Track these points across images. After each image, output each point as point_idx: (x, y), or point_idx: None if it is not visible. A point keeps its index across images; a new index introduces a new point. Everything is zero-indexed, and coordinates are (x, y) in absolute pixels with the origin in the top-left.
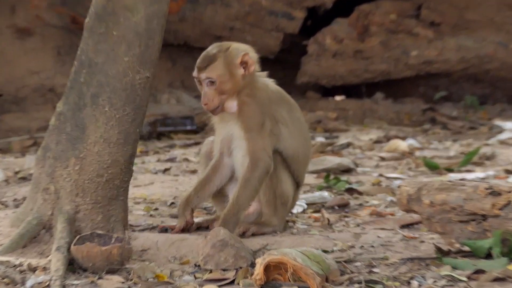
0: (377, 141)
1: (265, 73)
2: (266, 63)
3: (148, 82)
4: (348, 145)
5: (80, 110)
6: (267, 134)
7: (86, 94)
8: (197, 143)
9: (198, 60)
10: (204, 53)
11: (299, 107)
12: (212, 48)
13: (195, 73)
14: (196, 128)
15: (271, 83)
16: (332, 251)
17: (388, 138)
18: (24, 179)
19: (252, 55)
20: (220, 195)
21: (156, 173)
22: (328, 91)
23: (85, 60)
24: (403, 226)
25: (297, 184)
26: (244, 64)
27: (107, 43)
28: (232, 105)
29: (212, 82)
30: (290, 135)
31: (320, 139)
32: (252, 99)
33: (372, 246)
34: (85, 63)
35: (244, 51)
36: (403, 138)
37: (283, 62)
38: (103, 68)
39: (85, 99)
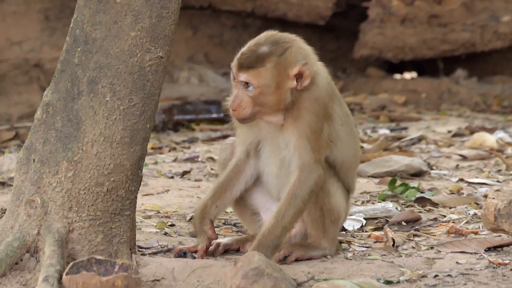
0: (457, 134)
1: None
2: (315, 31)
3: (161, 63)
4: (420, 139)
5: (73, 100)
6: (324, 141)
7: (81, 80)
8: (225, 136)
9: (242, 54)
10: (251, 45)
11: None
12: (263, 42)
13: (233, 67)
14: (223, 116)
15: (323, 70)
16: (398, 282)
17: (471, 130)
18: (2, 184)
19: (312, 62)
20: (245, 206)
21: (172, 177)
22: (394, 68)
23: (80, 36)
24: (489, 249)
25: (348, 190)
26: (299, 76)
27: (108, 13)
28: (277, 119)
29: (248, 86)
30: (345, 136)
31: (383, 131)
32: (314, 103)
33: (449, 275)
34: (80, 39)
35: (304, 59)
36: (491, 130)
37: (336, 30)
38: (103, 46)
39: (80, 86)
